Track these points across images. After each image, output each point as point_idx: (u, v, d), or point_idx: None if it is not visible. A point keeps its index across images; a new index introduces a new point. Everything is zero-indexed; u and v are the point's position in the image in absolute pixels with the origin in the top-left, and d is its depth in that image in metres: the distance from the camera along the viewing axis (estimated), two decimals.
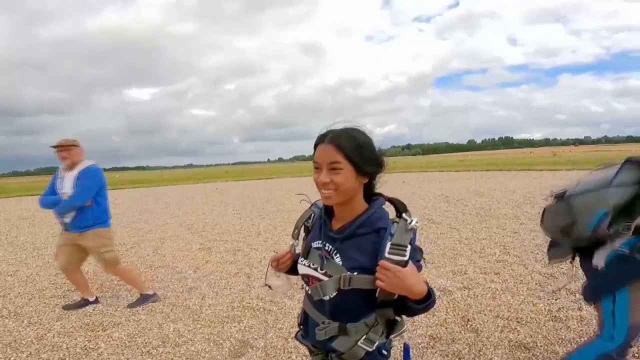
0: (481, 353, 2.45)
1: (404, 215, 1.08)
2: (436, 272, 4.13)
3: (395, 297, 1.04)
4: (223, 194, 16.11)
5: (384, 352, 1.18)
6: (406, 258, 1.00)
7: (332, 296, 1.09)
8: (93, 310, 3.53)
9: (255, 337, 2.82)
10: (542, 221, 1.86)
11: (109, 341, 2.87)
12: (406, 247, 1.00)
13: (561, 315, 2.90)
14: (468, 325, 2.83)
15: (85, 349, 2.76)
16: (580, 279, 3.59)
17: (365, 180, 1.11)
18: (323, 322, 1.13)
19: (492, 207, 8.04)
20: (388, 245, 1.01)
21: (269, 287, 1.33)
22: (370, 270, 1.03)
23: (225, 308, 3.42)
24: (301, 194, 1.39)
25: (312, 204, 1.30)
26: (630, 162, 1.47)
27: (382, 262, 1.00)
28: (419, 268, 1.09)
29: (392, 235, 1.03)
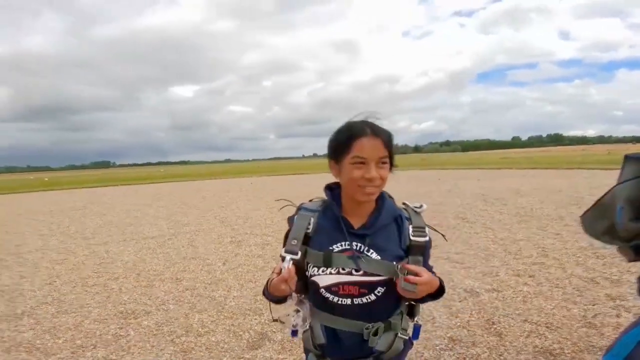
0: (502, 358, 2.35)
1: (405, 202, 1.16)
2: (465, 272, 3.99)
3: None
4: (257, 189, 16.50)
5: (411, 339, 1.18)
6: (427, 238, 1.09)
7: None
8: (128, 299, 3.73)
9: (274, 330, 2.87)
10: (584, 228, 1.80)
11: (138, 329, 3.02)
12: (424, 228, 1.09)
13: (596, 322, 2.71)
14: (492, 329, 2.71)
15: (116, 336, 2.92)
16: (624, 283, 3.34)
17: None
18: (367, 328, 1.07)
19: (534, 207, 7.62)
20: (410, 228, 1.08)
21: (281, 321, 1.15)
22: (401, 257, 1.06)
23: (248, 301, 3.51)
24: (282, 199, 1.25)
25: (299, 208, 1.15)
26: (628, 157, 1.51)
27: (420, 279, 0.99)
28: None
29: (408, 219, 1.10)
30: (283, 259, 1.05)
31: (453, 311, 3.04)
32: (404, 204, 1.15)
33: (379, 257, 1.05)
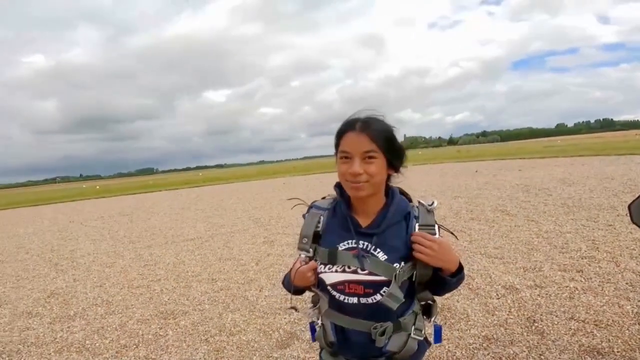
0: (542, 357, 2.22)
1: (419, 200, 1.12)
2: (504, 267, 3.80)
3: (431, 275, 1.06)
4: (290, 188, 16.69)
5: (428, 339, 1.18)
6: (436, 236, 1.04)
7: (403, 299, 1.03)
8: (168, 299, 3.89)
9: (303, 329, 2.88)
10: (632, 219, 1.61)
11: (176, 329, 3.14)
12: (433, 226, 1.05)
13: None
14: (533, 327, 2.56)
15: (156, 335, 3.06)
16: None
17: (392, 172, 1.09)
18: (374, 327, 1.05)
19: (583, 197, 7.11)
20: (416, 226, 1.05)
21: (296, 309, 1.29)
22: (407, 257, 1.04)
23: (279, 300, 3.55)
24: (293, 198, 1.28)
25: (311, 207, 1.18)
26: None
27: (421, 233, 1.03)
28: None
29: (416, 217, 1.07)
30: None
31: (490, 309, 2.90)
32: (418, 201, 1.12)
33: (386, 257, 1.04)
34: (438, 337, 1.17)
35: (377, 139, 1.00)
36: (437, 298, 1.14)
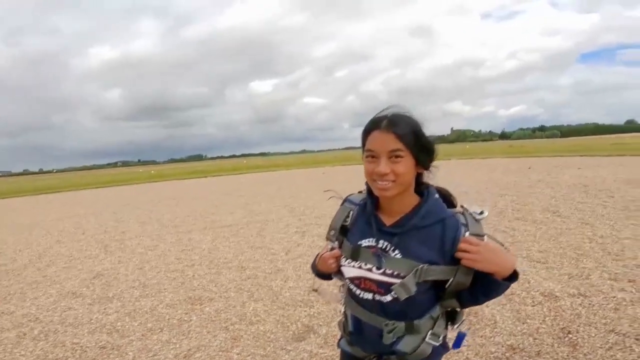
0: None
1: (464, 205, 1.06)
2: (546, 273, 3.51)
3: (467, 285, 1.02)
4: (329, 179, 16.69)
5: (447, 344, 1.16)
6: (485, 240, 1.00)
7: (413, 293, 1.01)
8: (198, 285, 4.01)
9: (321, 324, 2.86)
10: None
11: (200, 315, 3.24)
12: (483, 236, 1.00)
13: None
14: (566, 338, 2.35)
15: (180, 320, 3.16)
16: None
17: (421, 171, 1.05)
18: (386, 324, 1.06)
19: None
20: (467, 234, 0.99)
21: (317, 291, 1.35)
22: (437, 262, 1.00)
23: (302, 292, 3.55)
24: (328, 190, 1.31)
25: (345, 200, 1.20)
26: None
27: (469, 238, 0.98)
28: None
29: (465, 225, 1.01)
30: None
31: (521, 316, 2.70)
32: (462, 207, 1.07)
33: (402, 258, 1.03)
34: (458, 343, 1.15)
35: (403, 138, 0.97)
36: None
